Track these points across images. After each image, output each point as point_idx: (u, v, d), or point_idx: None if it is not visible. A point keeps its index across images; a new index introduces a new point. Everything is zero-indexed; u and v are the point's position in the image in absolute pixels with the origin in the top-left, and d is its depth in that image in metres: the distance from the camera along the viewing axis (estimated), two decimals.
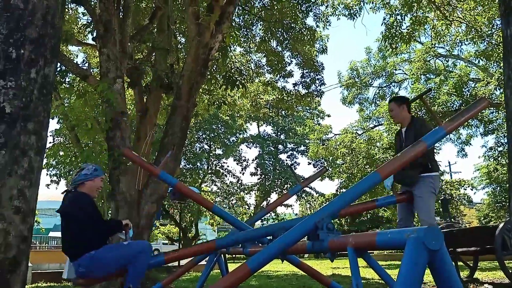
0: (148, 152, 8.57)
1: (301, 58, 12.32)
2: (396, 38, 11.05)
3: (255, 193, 29.98)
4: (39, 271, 10.69)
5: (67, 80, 9.09)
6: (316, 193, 30.14)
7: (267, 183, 29.16)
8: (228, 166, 27.84)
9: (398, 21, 11.10)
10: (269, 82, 13.60)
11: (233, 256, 20.59)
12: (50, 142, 9.36)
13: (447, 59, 18.64)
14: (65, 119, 6.66)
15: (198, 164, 25.08)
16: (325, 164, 21.09)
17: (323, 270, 9.67)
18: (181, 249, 3.01)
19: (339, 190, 23.01)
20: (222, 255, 3.99)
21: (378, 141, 17.66)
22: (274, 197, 29.09)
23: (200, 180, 24.95)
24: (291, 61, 12.53)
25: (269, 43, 11.60)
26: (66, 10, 9.42)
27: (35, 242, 22.38)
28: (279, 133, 31.66)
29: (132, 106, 11.37)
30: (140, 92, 9.14)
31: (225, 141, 26.19)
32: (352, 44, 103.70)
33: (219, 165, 27.29)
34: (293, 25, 11.09)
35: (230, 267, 3.59)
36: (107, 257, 3.02)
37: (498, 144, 17.47)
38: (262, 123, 29.62)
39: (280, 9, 10.54)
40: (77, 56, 13.81)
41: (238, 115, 20.57)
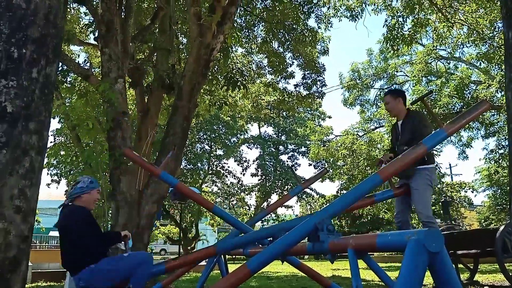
0: (149, 152, 8.57)
1: (302, 60, 12.32)
2: (397, 40, 11.05)
3: (255, 194, 29.95)
4: (39, 270, 10.68)
5: (68, 79, 9.11)
6: (317, 195, 30.11)
7: (267, 184, 29.13)
8: (228, 167, 27.83)
9: (399, 23, 11.09)
10: (270, 83, 13.61)
11: (233, 256, 20.59)
12: (51, 141, 9.37)
13: (448, 61, 18.63)
14: (66, 118, 6.67)
15: (199, 164, 25.07)
16: (326, 166, 21.07)
17: (323, 271, 9.66)
18: (182, 256, 3.00)
19: (339, 191, 23.02)
20: (222, 256, 3.99)
21: (379, 142, 17.64)
22: (274, 198, 29.04)
23: (201, 181, 24.94)
24: (292, 62, 12.52)
25: (271, 44, 11.60)
26: (68, 9, 9.45)
27: (35, 242, 22.39)
28: (280, 134, 31.63)
29: (133, 106, 11.38)
30: (141, 92, 9.15)
31: (226, 141, 26.18)
32: (354, 46, 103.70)
33: (219, 165, 27.28)
34: (294, 26, 11.09)
35: (230, 267, 3.59)
36: (108, 269, 2.98)
37: (499, 147, 17.45)
38: (263, 124, 29.59)
39: (281, 10, 10.55)
40: (79, 55, 13.86)
41: (239, 116, 20.57)
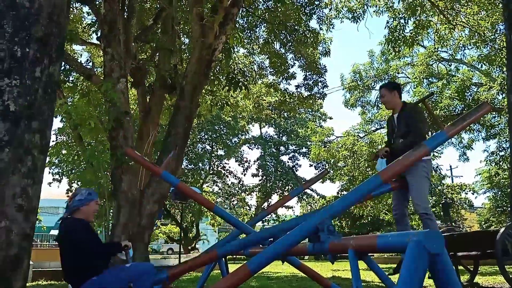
0: (150, 152, 8.59)
1: (304, 60, 12.34)
2: (399, 42, 11.04)
3: (256, 194, 29.96)
4: (40, 269, 10.68)
5: (70, 79, 9.13)
6: (317, 195, 30.12)
7: (268, 185, 29.14)
8: (229, 167, 27.90)
9: (401, 24, 11.08)
10: (272, 83, 13.63)
11: (234, 256, 20.58)
12: (53, 140, 9.37)
13: (449, 63, 18.59)
14: (68, 118, 6.67)
15: (200, 164, 25.11)
16: (327, 167, 21.06)
17: (323, 272, 9.66)
18: (183, 263, 2.99)
19: (340, 192, 23.00)
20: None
21: (380, 144, 17.60)
22: (275, 198, 29.06)
23: (202, 181, 24.98)
24: (294, 63, 12.55)
25: (273, 45, 11.62)
26: (71, 9, 9.47)
27: (36, 240, 22.38)
28: (281, 134, 31.64)
29: (135, 106, 11.40)
30: (143, 92, 9.16)
31: (227, 142, 26.22)
32: (355, 47, 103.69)
33: (220, 165, 27.32)
34: (296, 27, 11.10)
35: (231, 267, 3.60)
36: (110, 281, 2.95)
37: (500, 149, 17.43)
38: (264, 125, 29.60)
39: (283, 11, 10.56)
40: (81, 55, 13.92)
41: (241, 116, 20.60)
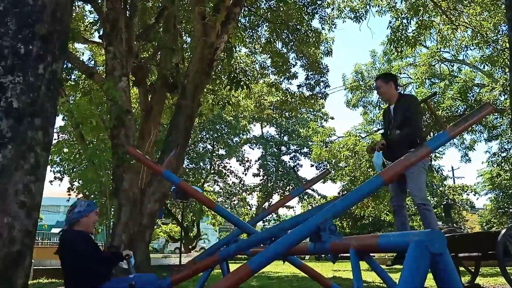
0: (152, 151, 8.60)
1: (306, 60, 12.32)
2: (401, 42, 11.03)
3: (257, 194, 29.96)
4: (41, 267, 10.70)
5: (72, 77, 9.13)
6: (318, 195, 30.11)
7: (269, 184, 29.14)
8: (231, 167, 27.88)
9: (404, 24, 11.07)
10: (274, 83, 13.62)
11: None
12: (54, 138, 9.39)
13: (452, 64, 18.57)
14: (70, 116, 6.68)
15: (201, 163, 25.11)
16: (328, 167, 21.04)
17: (324, 272, 9.64)
18: (186, 268, 2.99)
19: (341, 192, 22.97)
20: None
21: None
22: (276, 198, 29.05)
23: (203, 180, 24.98)
24: (296, 62, 12.55)
25: (274, 44, 11.61)
26: (74, 7, 9.47)
27: (37, 238, 22.44)
28: (282, 134, 31.63)
29: (136, 105, 11.41)
30: (145, 91, 9.17)
31: (228, 141, 26.22)
32: (357, 47, 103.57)
33: (222, 165, 27.31)
34: (298, 27, 11.10)
35: (231, 267, 3.59)
36: None
37: (502, 150, 17.43)
38: (266, 124, 29.60)
39: (286, 11, 10.55)
40: (83, 53, 13.88)
41: (242, 115, 20.59)
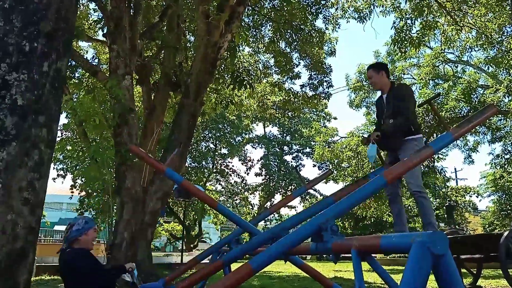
0: (155, 149, 8.61)
1: (309, 60, 12.31)
2: (405, 42, 10.99)
3: (259, 194, 29.98)
4: (43, 264, 10.76)
5: (76, 75, 9.16)
6: (320, 196, 30.06)
7: (271, 184, 29.14)
8: (233, 166, 27.89)
9: (408, 25, 11.03)
10: (277, 83, 13.61)
11: None
12: (58, 136, 9.43)
13: (456, 65, 18.52)
14: (73, 114, 6.71)
15: (204, 162, 25.13)
16: (330, 167, 21.03)
17: (325, 272, 9.65)
18: (191, 274, 3.01)
19: None
20: (225, 254, 4.00)
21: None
22: (278, 198, 29.06)
23: (205, 179, 24.99)
24: (299, 62, 12.52)
25: (278, 44, 11.60)
26: (78, 5, 9.49)
27: (40, 235, 22.53)
28: (285, 134, 31.63)
29: (140, 103, 11.43)
30: (148, 89, 9.18)
31: (231, 140, 26.23)
32: (361, 47, 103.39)
33: (224, 164, 27.32)
34: (302, 26, 11.08)
35: (233, 265, 3.60)
36: None
37: (505, 152, 17.35)
38: (268, 124, 29.58)
39: (289, 11, 10.54)
40: (87, 51, 13.92)
41: (245, 115, 20.58)
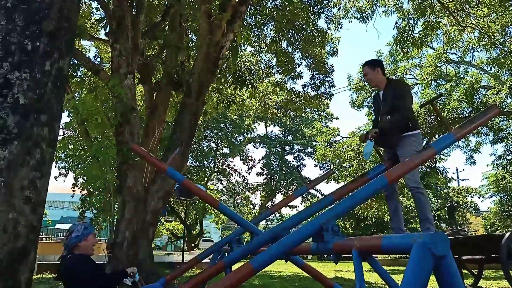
0: (156, 149, 8.62)
1: (311, 60, 12.30)
2: (408, 43, 10.97)
3: (260, 193, 29.97)
4: (45, 262, 10.78)
5: (78, 74, 9.17)
6: (322, 196, 30.05)
7: (272, 184, 29.13)
8: (234, 165, 27.88)
9: (410, 25, 11.01)
10: (278, 82, 13.61)
11: None
12: (60, 135, 9.44)
13: (458, 66, 18.48)
14: (75, 112, 6.71)
15: (205, 162, 25.14)
16: (332, 167, 21.01)
17: (326, 272, 9.64)
18: (194, 277, 3.02)
19: None
20: (226, 253, 4.00)
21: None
22: (279, 197, 29.07)
23: (206, 178, 25.01)
24: (301, 62, 12.52)
25: (280, 43, 11.59)
26: (80, 4, 9.50)
27: (41, 234, 22.58)
28: (286, 134, 31.61)
29: (141, 102, 11.44)
30: (150, 88, 9.19)
31: (233, 140, 26.23)
32: (363, 47, 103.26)
33: (225, 164, 27.33)
34: (304, 26, 11.07)
35: (234, 265, 3.60)
36: None
37: (507, 153, 17.33)
38: (270, 124, 29.59)
39: (292, 10, 10.53)
40: (89, 50, 13.94)
41: (246, 114, 20.59)
